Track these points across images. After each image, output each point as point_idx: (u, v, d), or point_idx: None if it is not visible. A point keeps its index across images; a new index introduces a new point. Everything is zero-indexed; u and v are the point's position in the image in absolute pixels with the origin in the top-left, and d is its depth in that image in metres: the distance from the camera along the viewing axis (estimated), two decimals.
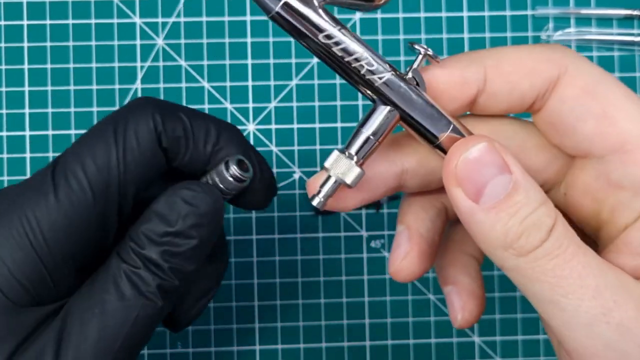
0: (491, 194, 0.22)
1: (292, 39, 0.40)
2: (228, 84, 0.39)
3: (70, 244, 0.25)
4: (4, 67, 0.39)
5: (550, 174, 0.27)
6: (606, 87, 0.24)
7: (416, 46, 0.24)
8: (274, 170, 0.39)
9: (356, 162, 0.24)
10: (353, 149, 0.24)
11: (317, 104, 0.39)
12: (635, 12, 0.40)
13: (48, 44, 0.39)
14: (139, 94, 0.39)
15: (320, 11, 0.22)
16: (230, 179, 0.27)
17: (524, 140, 0.26)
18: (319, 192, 0.24)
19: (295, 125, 0.39)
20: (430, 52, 0.24)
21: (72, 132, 0.39)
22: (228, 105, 0.39)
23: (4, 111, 0.39)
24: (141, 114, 0.26)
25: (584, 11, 0.40)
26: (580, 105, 0.24)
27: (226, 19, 0.39)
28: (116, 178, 0.25)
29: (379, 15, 0.40)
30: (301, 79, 0.39)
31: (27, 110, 0.39)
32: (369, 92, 0.24)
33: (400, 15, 0.40)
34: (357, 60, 0.23)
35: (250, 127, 0.39)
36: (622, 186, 0.24)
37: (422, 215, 0.28)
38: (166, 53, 0.39)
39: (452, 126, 0.24)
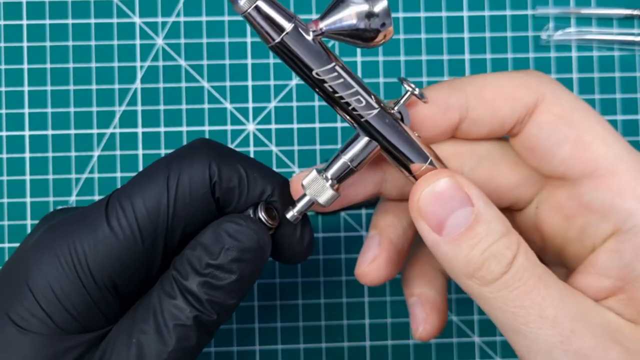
0: (453, 227, 0.23)
1: None
2: (228, 83, 0.39)
3: (115, 276, 0.26)
4: (3, 67, 0.39)
5: (524, 191, 0.28)
6: (581, 114, 0.25)
7: (404, 85, 0.25)
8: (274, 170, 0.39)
9: (331, 185, 0.25)
10: (330, 173, 0.25)
11: (317, 103, 0.39)
12: (636, 12, 0.39)
13: (48, 43, 0.39)
14: (139, 94, 0.39)
15: (317, 46, 0.23)
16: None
17: (500, 158, 0.28)
18: (294, 206, 0.26)
19: (295, 125, 0.39)
20: (416, 91, 0.24)
21: (72, 132, 0.39)
22: (228, 105, 0.39)
23: (4, 111, 0.39)
24: (197, 160, 0.26)
25: (584, 11, 0.40)
26: (556, 131, 0.25)
27: (226, 18, 0.39)
28: (164, 222, 0.26)
29: None
30: (301, 79, 0.39)
31: (26, 110, 0.39)
32: (352, 120, 0.25)
33: (401, 15, 0.40)
34: (347, 96, 0.24)
35: (250, 127, 0.39)
36: (592, 208, 0.25)
37: (395, 222, 0.29)
38: (166, 53, 0.39)
39: (429, 160, 0.25)
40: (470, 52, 0.39)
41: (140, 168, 0.39)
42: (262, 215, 0.27)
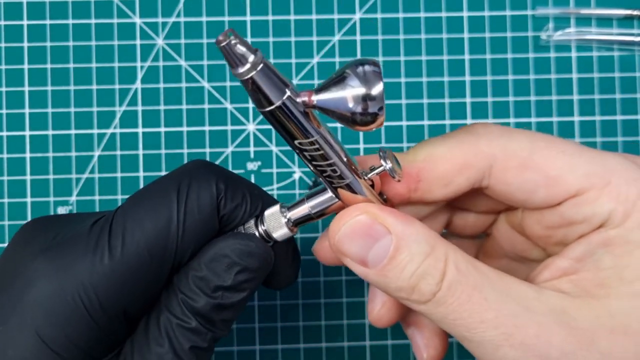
0: (375, 260, 0.24)
1: (291, 39, 0.40)
2: (228, 83, 0.39)
3: (125, 303, 0.25)
4: (4, 67, 0.39)
5: None
6: (539, 154, 0.25)
7: (381, 161, 0.25)
8: (274, 170, 0.39)
9: (286, 224, 0.26)
10: (290, 214, 0.26)
11: None
12: (635, 12, 0.40)
13: (48, 44, 0.39)
14: (139, 94, 0.39)
15: (305, 118, 0.23)
16: (258, 236, 0.27)
17: None
18: (257, 228, 0.27)
19: None
20: (388, 167, 0.25)
21: (72, 132, 0.39)
22: (228, 105, 0.39)
23: (4, 111, 0.39)
24: (204, 179, 0.26)
25: (584, 11, 0.40)
26: (524, 182, 0.25)
27: (226, 19, 0.39)
28: (174, 243, 0.25)
29: (379, 15, 0.40)
30: (301, 79, 0.39)
31: (27, 110, 0.39)
32: (324, 181, 0.25)
33: (400, 15, 0.40)
34: (323, 166, 0.24)
35: (250, 127, 0.39)
36: (575, 221, 0.25)
37: None
38: (166, 53, 0.39)
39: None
40: (470, 52, 0.40)
41: (141, 168, 0.39)
42: (266, 227, 0.27)
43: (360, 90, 0.21)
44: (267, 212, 0.27)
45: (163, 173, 0.39)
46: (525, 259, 0.30)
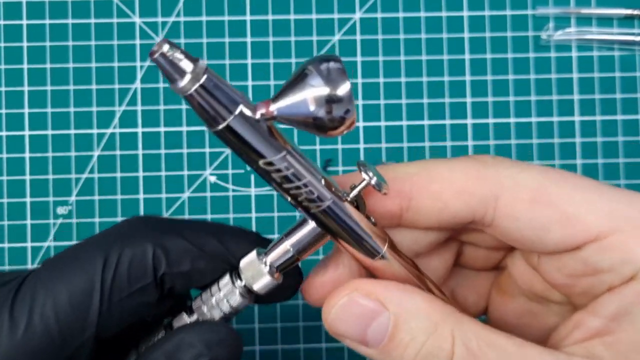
0: (374, 340, 0.22)
1: (291, 38, 0.40)
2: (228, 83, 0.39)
3: None
4: (3, 67, 0.39)
5: None
6: (553, 188, 0.22)
7: (362, 173, 0.22)
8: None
9: (269, 271, 0.23)
10: (270, 258, 0.23)
11: None
12: (636, 12, 0.39)
13: (47, 43, 0.39)
14: (139, 94, 0.39)
15: (266, 133, 0.19)
16: (238, 295, 0.23)
17: None
18: (234, 284, 0.23)
19: None
20: (373, 181, 0.21)
21: (72, 132, 0.39)
22: None
23: (4, 111, 0.39)
24: (139, 245, 0.22)
25: (585, 11, 0.40)
26: (536, 218, 0.22)
27: (226, 18, 0.39)
28: (94, 320, 0.22)
29: (379, 14, 0.39)
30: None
31: (26, 110, 0.39)
32: (301, 209, 0.22)
33: (401, 15, 0.40)
34: (297, 188, 0.21)
35: None
36: (601, 269, 0.22)
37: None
38: None
39: (380, 254, 0.22)
40: (470, 52, 0.39)
41: (140, 168, 0.39)
42: (245, 280, 0.23)
43: (324, 91, 0.19)
44: (242, 263, 0.23)
45: (163, 173, 0.39)
46: (545, 300, 0.27)
